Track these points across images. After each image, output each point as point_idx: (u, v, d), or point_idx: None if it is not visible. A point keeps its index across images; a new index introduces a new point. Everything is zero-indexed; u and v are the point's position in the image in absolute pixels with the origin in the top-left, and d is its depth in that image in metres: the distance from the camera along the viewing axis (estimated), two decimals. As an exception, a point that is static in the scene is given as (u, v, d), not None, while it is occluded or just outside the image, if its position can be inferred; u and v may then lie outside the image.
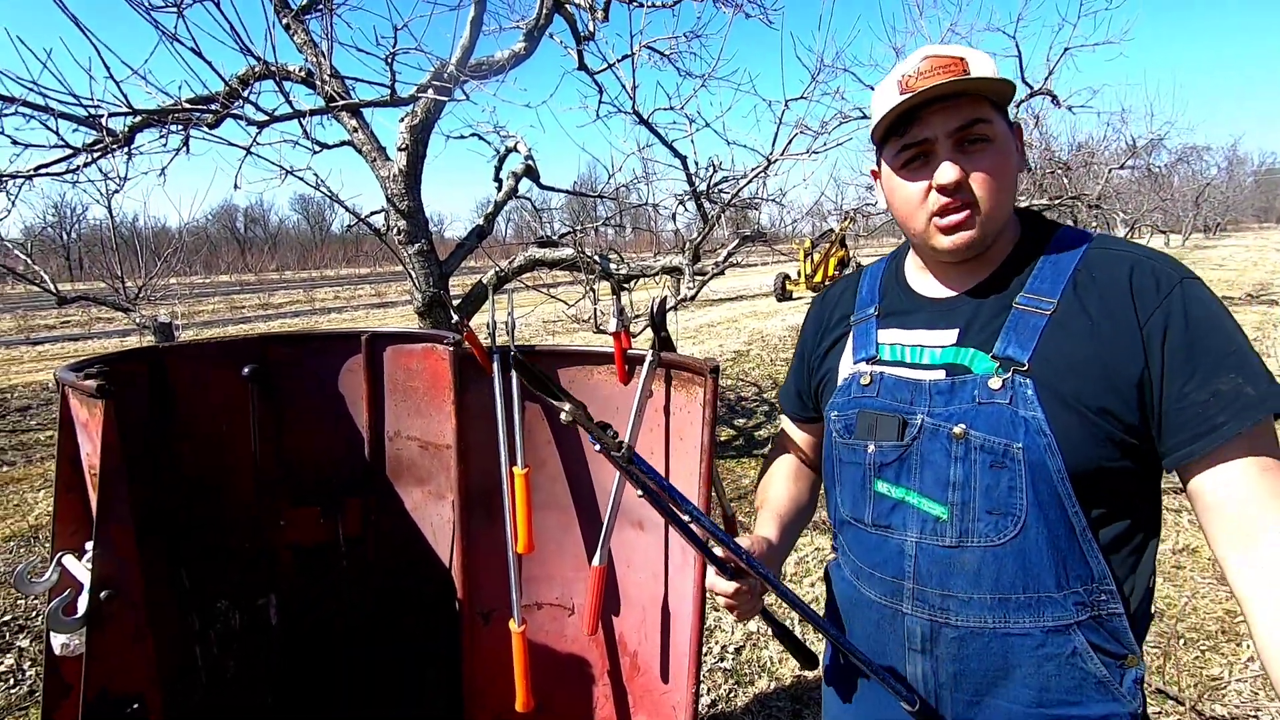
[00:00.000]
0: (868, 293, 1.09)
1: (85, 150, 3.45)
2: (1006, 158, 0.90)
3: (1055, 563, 0.86)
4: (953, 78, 0.86)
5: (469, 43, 3.80)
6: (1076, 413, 0.83)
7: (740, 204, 4.34)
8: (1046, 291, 0.89)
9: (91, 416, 1.20)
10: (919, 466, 0.92)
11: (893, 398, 0.96)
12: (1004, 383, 0.87)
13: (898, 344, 0.99)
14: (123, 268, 6.41)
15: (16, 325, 16.53)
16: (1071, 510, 0.85)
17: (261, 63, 3.34)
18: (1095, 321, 0.85)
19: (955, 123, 0.88)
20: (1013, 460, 0.85)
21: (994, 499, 0.87)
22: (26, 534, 4.42)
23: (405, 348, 1.80)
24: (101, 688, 1.16)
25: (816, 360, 1.14)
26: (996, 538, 0.87)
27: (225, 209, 58.03)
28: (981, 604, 0.90)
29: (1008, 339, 0.88)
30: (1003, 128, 0.90)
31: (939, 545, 0.91)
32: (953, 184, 0.88)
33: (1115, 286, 0.86)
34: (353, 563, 1.90)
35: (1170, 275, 0.85)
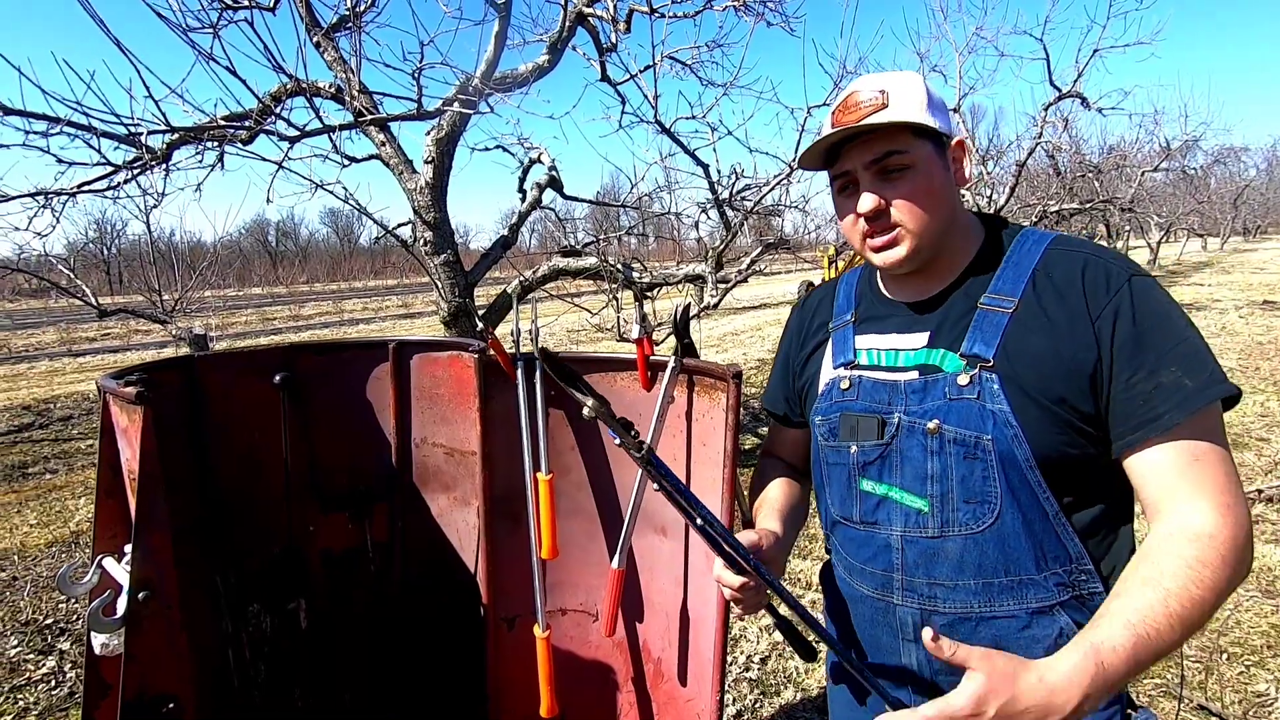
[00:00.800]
0: (844, 300, 1.17)
1: (126, 167, 3.57)
2: (929, 179, 0.96)
3: (1033, 545, 0.92)
4: (863, 119, 0.94)
5: (493, 56, 3.87)
6: (1037, 404, 0.89)
7: (763, 211, 4.33)
8: (1008, 291, 0.95)
9: (131, 423, 1.24)
10: (900, 463, 0.99)
11: (872, 399, 1.02)
12: (971, 379, 0.93)
13: (874, 348, 1.06)
14: (160, 281, 6.61)
15: (59, 337, 17.08)
16: (1043, 495, 0.90)
17: (293, 80, 3.43)
18: (1052, 317, 0.91)
19: (869, 156, 0.96)
20: (984, 451, 0.91)
21: (970, 488, 0.93)
22: (68, 540, 4.55)
23: (431, 355, 1.83)
24: (139, 687, 1.19)
25: (798, 366, 1.21)
26: (975, 525, 0.93)
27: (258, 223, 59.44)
28: (967, 590, 0.95)
29: (974, 337, 0.95)
30: (923, 152, 0.96)
31: (923, 536, 0.97)
32: (870, 212, 0.96)
33: (1070, 284, 0.92)
34: (380, 568, 1.92)
35: (1119, 273, 0.91)
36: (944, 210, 0.98)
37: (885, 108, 0.95)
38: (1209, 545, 0.82)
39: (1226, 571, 0.82)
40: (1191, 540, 0.83)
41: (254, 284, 42.62)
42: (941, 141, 0.99)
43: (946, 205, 0.99)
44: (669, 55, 4.39)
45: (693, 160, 4.21)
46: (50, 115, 3.07)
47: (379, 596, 1.92)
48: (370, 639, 1.92)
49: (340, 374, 1.87)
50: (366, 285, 42.31)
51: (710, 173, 4.20)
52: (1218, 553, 0.82)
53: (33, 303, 26.51)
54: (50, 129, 3.14)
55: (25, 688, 2.90)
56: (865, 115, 0.95)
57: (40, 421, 8.06)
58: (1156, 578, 0.82)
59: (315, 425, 1.85)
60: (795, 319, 1.26)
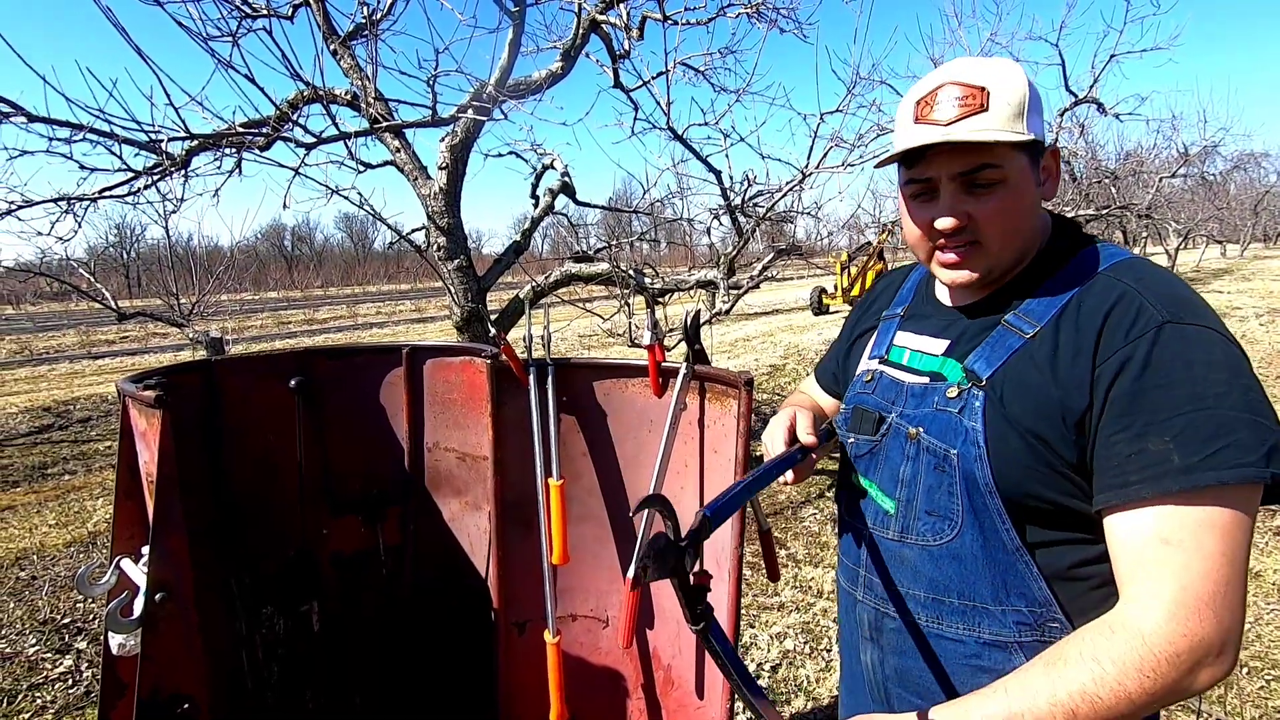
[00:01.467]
0: (906, 291, 1.12)
1: (145, 173, 3.63)
2: (1019, 197, 0.87)
3: (992, 575, 0.86)
4: (956, 121, 0.84)
5: (507, 64, 3.90)
6: (1016, 434, 0.83)
7: (775, 217, 4.33)
8: (1036, 315, 0.88)
9: (149, 426, 1.25)
10: (882, 461, 0.98)
11: (883, 397, 1.01)
12: (960, 392, 0.89)
13: (906, 347, 1.03)
14: (177, 285, 6.70)
15: (79, 340, 17.33)
16: (1004, 526, 0.85)
17: (310, 87, 3.47)
18: (1058, 351, 0.83)
19: (959, 167, 0.86)
20: (950, 465, 0.88)
21: (934, 500, 0.90)
22: (86, 540, 4.61)
23: (444, 360, 1.84)
24: (154, 687, 1.21)
25: (846, 347, 1.20)
26: (933, 538, 0.90)
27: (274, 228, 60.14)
28: (917, 601, 0.93)
29: (980, 354, 0.90)
30: (1018, 165, 0.86)
31: (885, 537, 0.97)
32: (950, 230, 0.88)
33: (1091, 318, 0.82)
34: (392, 571, 1.93)
35: (1151, 316, 0.78)
36: (1027, 230, 0.90)
37: (984, 111, 0.84)
38: (1135, 646, 0.71)
39: (1146, 683, 0.70)
40: (1116, 632, 0.73)
41: (270, 288, 43.07)
42: (1037, 151, 0.89)
43: (1030, 224, 0.90)
44: (682, 62, 4.41)
45: (705, 166, 4.22)
46: (73, 122, 3.12)
47: (390, 600, 1.93)
48: (381, 642, 1.93)
49: (354, 378, 1.89)
50: (381, 289, 42.64)
51: (722, 179, 4.21)
52: (1142, 657, 0.71)
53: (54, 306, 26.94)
54: (73, 136, 3.19)
55: (43, 686, 2.93)
56: (959, 118, 0.84)
57: (60, 423, 8.17)
58: (1058, 663, 0.74)
59: (330, 429, 1.86)
60: (862, 300, 1.23)
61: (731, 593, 1.35)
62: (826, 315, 16.32)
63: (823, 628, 3.17)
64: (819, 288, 16.57)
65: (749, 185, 4.22)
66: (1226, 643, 0.71)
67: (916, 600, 0.93)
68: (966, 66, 0.87)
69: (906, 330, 1.05)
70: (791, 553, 3.94)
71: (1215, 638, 0.71)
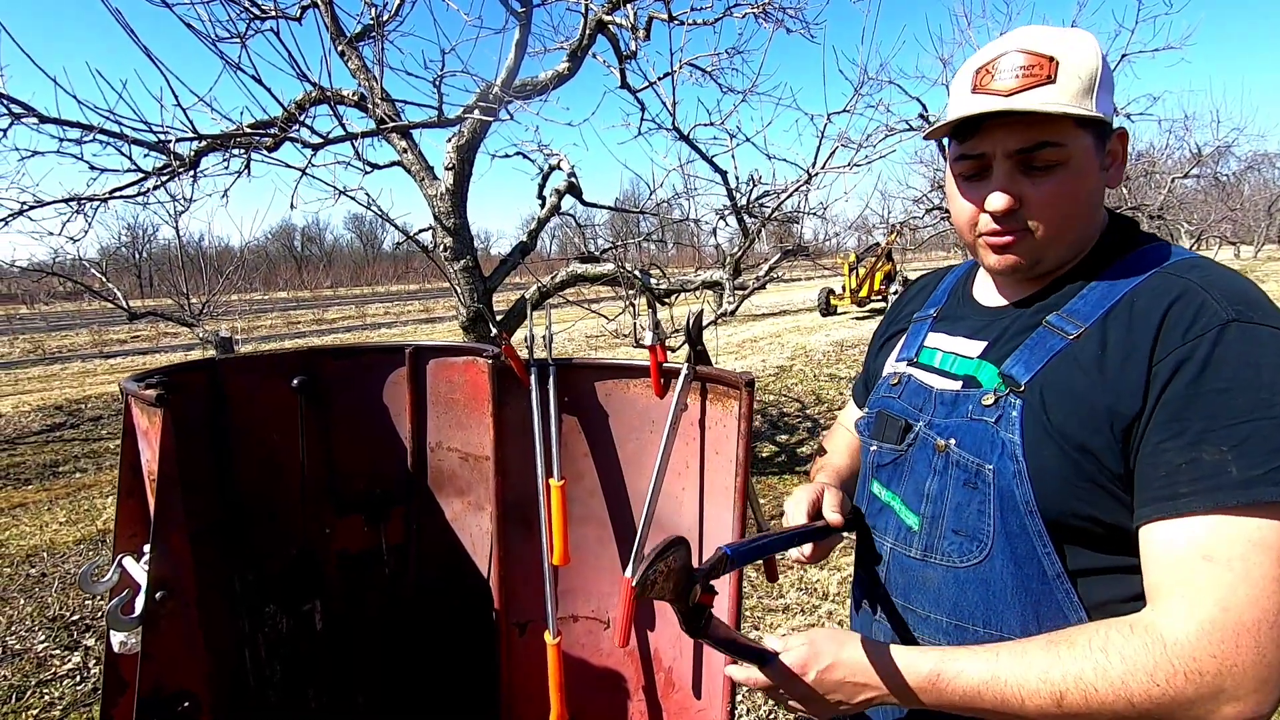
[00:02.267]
0: (941, 292, 1.06)
1: (155, 174, 3.66)
2: (1080, 181, 0.79)
3: (1023, 604, 0.78)
4: (1019, 92, 0.77)
5: (514, 64, 3.91)
6: (1058, 446, 0.75)
7: (781, 218, 4.32)
8: (1083, 315, 0.80)
9: (151, 425, 1.26)
10: (907, 473, 0.92)
11: (909, 403, 0.95)
12: (997, 400, 0.81)
13: (938, 349, 0.97)
14: (188, 285, 6.76)
15: (91, 339, 17.50)
16: (1043, 550, 0.77)
17: (317, 88, 3.49)
18: (1106, 353, 0.75)
19: (1016, 144, 0.79)
20: (984, 482, 0.80)
21: (962, 519, 0.83)
22: (95, 538, 4.65)
23: (447, 360, 1.84)
24: (155, 684, 1.21)
25: (875, 350, 1.14)
26: (959, 560, 0.83)
27: (284, 228, 60.57)
28: (937, 626, 0.86)
29: (1019, 357, 0.82)
30: (1081, 145, 0.79)
31: (908, 555, 0.90)
32: (1001, 213, 0.81)
33: (1146, 318, 0.74)
34: (395, 571, 1.94)
35: (1217, 314, 0.71)
36: (1086, 218, 0.83)
37: (1050, 82, 0.76)
38: (1153, 650, 0.65)
39: (1154, 690, 0.64)
40: (1135, 631, 0.67)
41: (279, 288, 43.36)
42: (1104, 132, 0.81)
43: (1090, 212, 0.83)
44: (689, 62, 4.41)
45: (711, 167, 4.21)
46: (84, 123, 3.16)
47: (393, 599, 1.93)
48: (384, 641, 1.93)
49: (359, 378, 1.89)
50: (389, 290, 42.85)
51: (728, 179, 4.20)
52: (1157, 662, 0.64)
53: (67, 305, 27.22)
54: (84, 137, 3.23)
55: (51, 682, 2.96)
56: (1023, 88, 0.77)
57: (71, 421, 8.25)
58: (1062, 643, 0.69)
59: (334, 429, 1.87)
60: (894, 304, 1.17)
61: (733, 594, 1.34)
62: (834, 316, 16.28)
63: (827, 630, 3.15)
64: (827, 289, 16.52)
65: (754, 186, 4.22)
66: (1265, 681, 0.63)
67: (936, 625, 0.86)
68: (1034, 34, 0.80)
69: (939, 331, 0.99)
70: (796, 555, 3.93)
71: (1251, 670, 0.62)
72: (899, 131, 4.57)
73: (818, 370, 9.55)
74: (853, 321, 15.27)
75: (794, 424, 6.80)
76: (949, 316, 0.99)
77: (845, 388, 8.25)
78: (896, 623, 0.92)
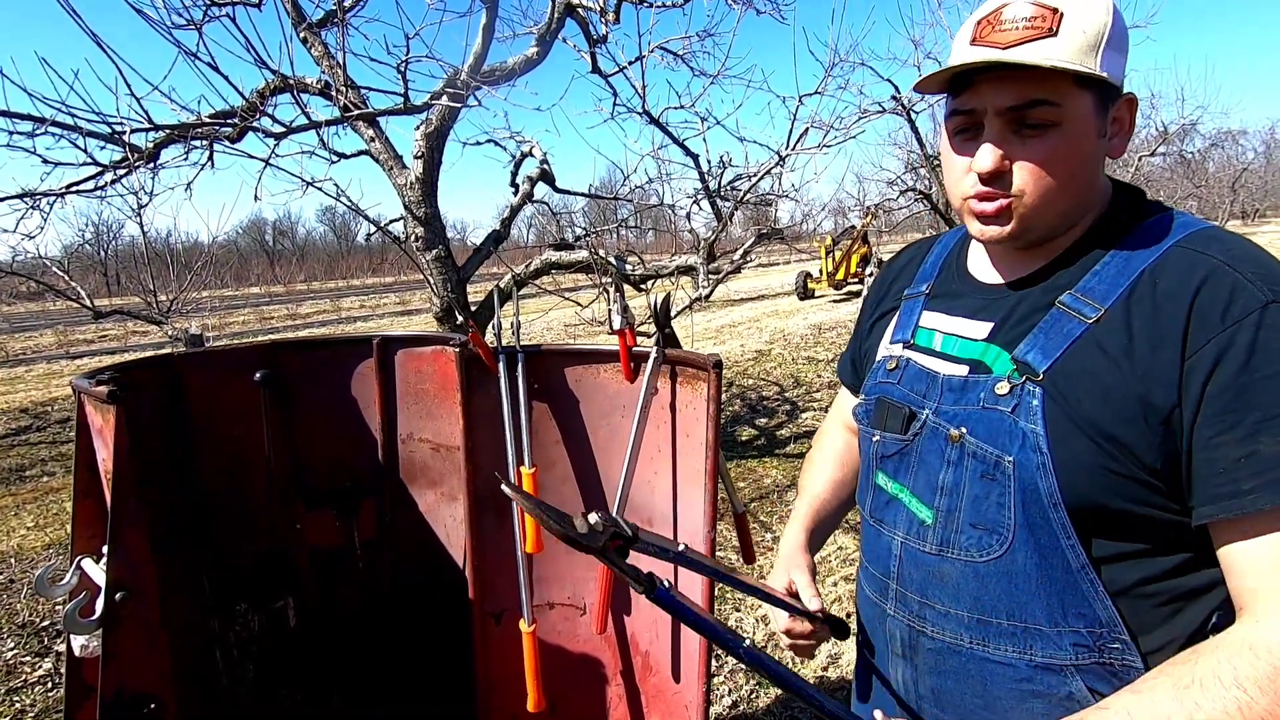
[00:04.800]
0: (931, 265, 1.01)
1: (111, 167, 3.55)
2: (1074, 145, 0.75)
3: (1048, 595, 0.76)
4: (1015, 44, 0.72)
5: (481, 49, 3.84)
6: (1086, 437, 0.72)
7: (754, 200, 4.31)
8: (1099, 295, 0.75)
9: (105, 422, 1.22)
10: (916, 464, 0.87)
11: (911, 388, 0.90)
12: (1012, 388, 0.77)
13: (936, 329, 0.91)
14: (155, 282, 6.59)
15: (57, 340, 17.07)
16: (1067, 542, 0.74)
17: (279, 76, 3.40)
18: (1133, 339, 0.71)
19: (1008, 100, 0.74)
20: (1003, 474, 0.77)
21: (980, 512, 0.79)
22: (64, 542, 4.55)
23: (416, 351, 1.82)
24: (118, 687, 1.19)
25: (865, 330, 1.08)
26: (978, 554, 0.80)
27: (254, 222, 59.38)
28: (959, 621, 0.83)
29: (1033, 342, 0.78)
30: (1080, 107, 0.74)
31: (921, 550, 0.86)
32: (987, 173, 0.77)
33: (1174, 300, 0.70)
34: (368, 564, 1.91)
35: (1252, 295, 0.68)
36: (1080, 186, 0.78)
37: (1051, 35, 0.72)
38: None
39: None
40: (1259, 655, 0.63)
41: (251, 283, 42.59)
42: (1108, 95, 0.76)
43: (1084, 181, 0.78)
44: (660, 46, 4.36)
45: (683, 151, 4.19)
46: (34, 115, 3.04)
47: (368, 593, 1.91)
48: (360, 636, 1.91)
49: (325, 371, 1.85)
50: (364, 283, 42.28)
51: (700, 163, 4.18)
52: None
53: (30, 306, 26.48)
54: (35, 129, 3.11)
55: (22, 690, 2.90)
56: (1020, 40, 0.72)
57: (37, 424, 8.06)
58: (1192, 685, 0.64)
59: (301, 423, 1.83)
60: (879, 276, 1.11)
61: (706, 578, 1.34)
62: (812, 300, 16.36)
63: (807, 610, 3.18)
64: (804, 272, 16.59)
65: (726, 168, 4.20)
66: None
67: (958, 620, 0.82)
68: None
69: (934, 310, 0.93)
70: (777, 536, 3.96)
71: None
72: (872, 115, 4.58)
73: (796, 353, 9.60)
74: (830, 305, 15.37)
75: (773, 407, 6.84)
76: (944, 293, 0.94)
77: (824, 370, 8.31)
78: (912, 618, 0.89)
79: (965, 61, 0.75)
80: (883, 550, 0.93)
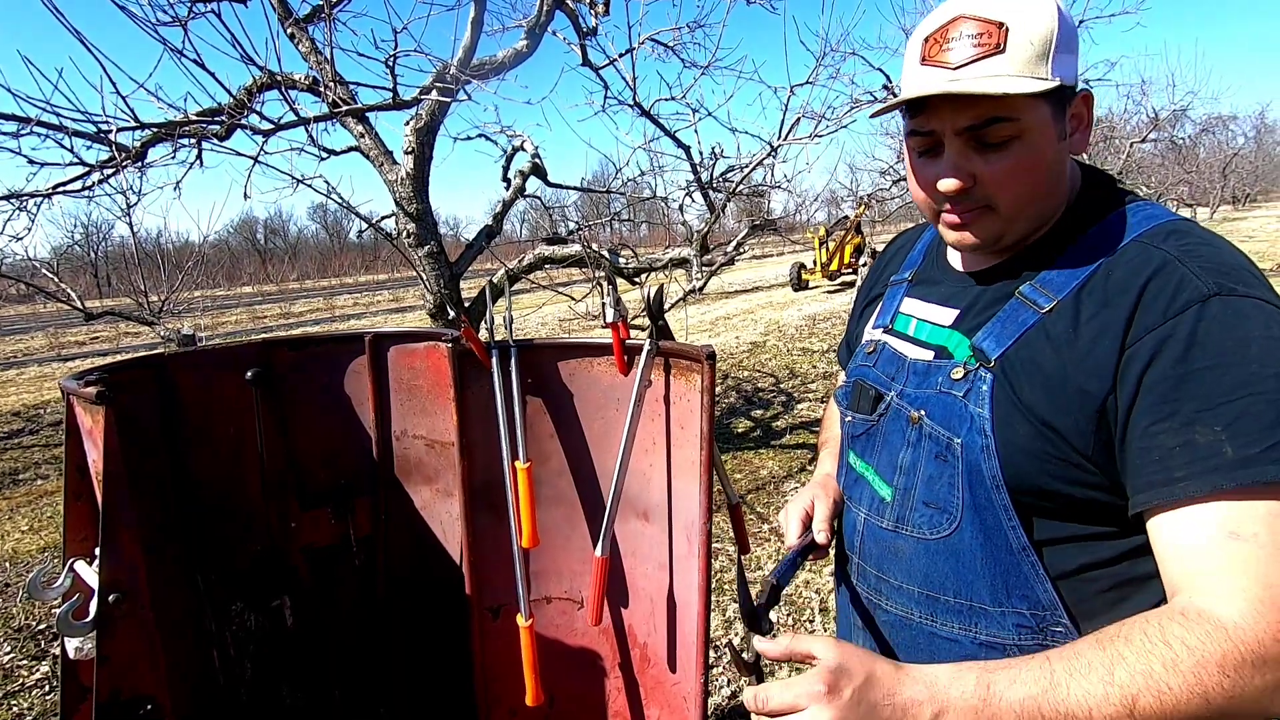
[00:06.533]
0: (918, 253, 1.03)
1: (98, 167, 3.52)
2: (1037, 154, 0.76)
3: (992, 575, 0.79)
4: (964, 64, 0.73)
5: (470, 43, 3.81)
6: (1028, 422, 0.74)
7: (747, 192, 4.30)
8: (1056, 286, 0.77)
9: (94, 423, 1.21)
10: (881, 444, 0.91)
11: (883, 371, 0.94)
12: (966, 374, 0.80)
13: (913, 315, 0.94)
14: (146, 282, 6.55)
15: (48, 343, 16.96)
16: (1009, 523, 0.76)
17: (266, 72, 3.37)
18: (1078, 329, 0.73)
19: (965, 121, 0.75)
20: (953, 455, 0.80)
21: (933, 491, 0.82)
22: (59, 544, 4.53)
23: (408, 347, 1.81)
24: (113, 690, 1.18)
25: (857, 315, 1.12)
26: (929, 532, 0.83)
27: (246, 221, 58.96)
28: (910, 595, 0.87)
29: (990, 330, 0.80)
30: (1037, 116, 0.75)
31: (880, 526, 0.90)
32: (953, 192, 0.79)
33: (1123, 292, 0.72)
34: (365, 562, 1.91)
35: (1196, 289, 0.68)
36: (1048, 191, 0.79)
37: (999, 52, 0.72)
38: (1217, 638, 0.60)
39: (1226, 683, 0.58)
40: (1190, 620, 0.62)
41: (244, 282, 42.36)
42: (1063, 97, 0.76)
43: (1051, 184, 0.79)
44: (650, 37, 4.34)
45: (674, 143, 4.17)
46: (19, 115, 3.01)
47: (364, 591, 1.91)
48: (358, 634, 1.91)
49: (317, 369, 1.84)
50: (357, 281, 42.10)
51: (692, 155, 4.17)
52: (1225, 651, 0.59)
53: (20, 308, 26.30)
54: (20, 129, 3.08)
55: (19, 694, 2.89)
56: (968, 60, 0.73)
57: (30, 427, 8.01)
58: (1116, 640, 0.63)
59: (294, 421, 1.82)
60: (874, 264, 1.14)
61: (702, 566, 1.34)
62: (806, 291, 16.37)
63: (804, 599, 3.20)
64: (798, 264, 16.59)
65: (717, 159, 4.19)
66: None
67: (910, 595, 0.86)
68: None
69: (914, 297, 0.96)
70: (774, 526, 3.97)
71: None
72: (864, 105, 4.56)
73: (791, 345, 9.61)
74: (825, 295, 15.38)
75: (768, 399, 6.85)
76: (924, 280, 0.97)
77: (819, 361, 8.32)
78: (870, 592, 0.93)
79: (918, 93, 0.76)
80: (849, 526, 0.98)
